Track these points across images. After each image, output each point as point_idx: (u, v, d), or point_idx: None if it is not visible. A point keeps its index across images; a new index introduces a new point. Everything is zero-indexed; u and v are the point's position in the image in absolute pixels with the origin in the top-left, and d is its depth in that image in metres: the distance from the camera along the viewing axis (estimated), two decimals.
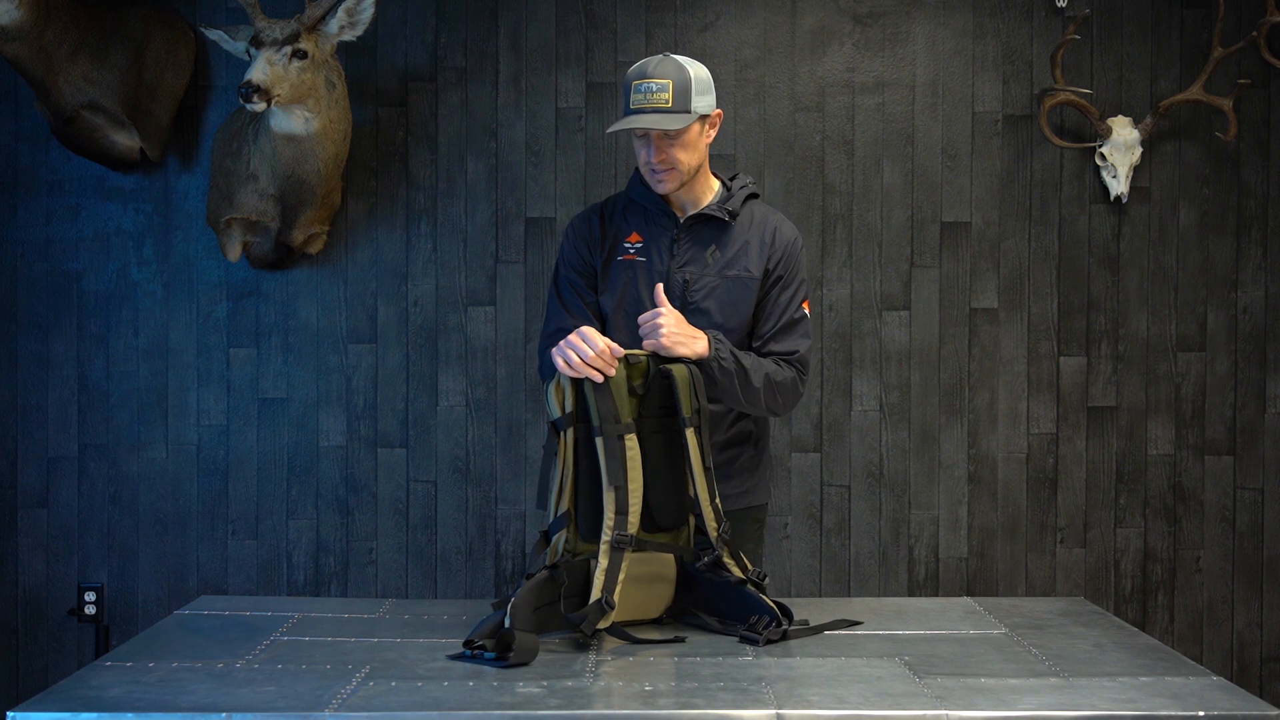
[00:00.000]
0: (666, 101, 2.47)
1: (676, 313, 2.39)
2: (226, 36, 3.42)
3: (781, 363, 2.55)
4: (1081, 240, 3.84)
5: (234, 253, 3.73)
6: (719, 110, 2.60)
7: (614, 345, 2.23)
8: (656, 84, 2.48)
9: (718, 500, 2.29)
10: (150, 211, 3.83)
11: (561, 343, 2.23)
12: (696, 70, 2.52)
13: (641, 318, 2.37)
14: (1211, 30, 3.72)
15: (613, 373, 2.22)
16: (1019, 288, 3.84)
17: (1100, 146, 3.75)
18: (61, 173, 3.82)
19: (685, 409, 2.26)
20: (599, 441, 2.20)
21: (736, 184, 2.67)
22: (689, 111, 2.49)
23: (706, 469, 2.27)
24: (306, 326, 3.83)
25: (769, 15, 3.83)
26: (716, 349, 2.41)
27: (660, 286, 2.44)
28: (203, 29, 3.51)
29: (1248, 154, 3.83)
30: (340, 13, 3.36)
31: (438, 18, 3.82)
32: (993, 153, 3.83)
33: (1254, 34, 3.67)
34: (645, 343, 2.34)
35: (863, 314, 3.82)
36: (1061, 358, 3.85)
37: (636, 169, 2.68)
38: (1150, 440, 3.85)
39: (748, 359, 2.48)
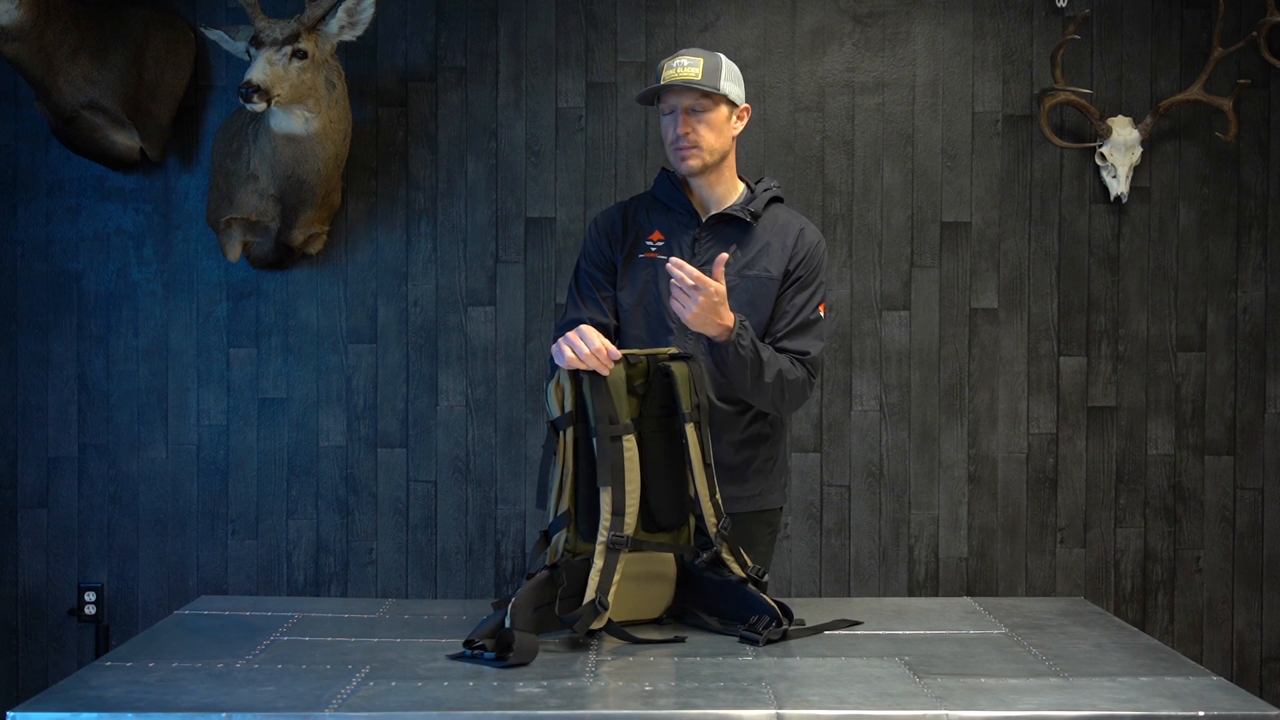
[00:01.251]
0: (696, 76, 2.53)
1: (721, 291, 2.36)
2: (226, 36, 3.42)
3: (795, 361, 2.55)
4: (1081, 240, 3.84)
5: (234, 253, 3.73)
6: (748, 105, 2.65)
7: (611, 347, 2.23)
8: (688, 60, 2.55)
9: (718, 496, 2.29)
10: (150, 211, 3.83)
11: (561, 339, 2.23)
12: (726, 60, 2.60)
13: (691, 273, 2.31)
14: (1211, 30, 3.72)
15: (606, 372, 2.22)
16: (1019, 288, 3.84)
17: (1100, 146, 3.75)
18: (61, 173, 3.82)
19: (685, 404, 2.26)
20: (594, 442, 2.20)
21: (760, 186, 2.68)
22: (717, 89, 2.54)
23: (707, 465, 2.27)
24: (306, 326, 3.83)
25: (769, 15, 3.83)
26: (739, 334, 2.41)
27: (724, 257, 2.40)
28: (203, 29, 3.51)
29: (1248, 154, 3.83)
30: (340, 13, 3.36)
31: (438, 18, 3.82)
32: (993, 153, 3.83)
33: (1254, 34, 3.67)
34: (673, 303, 2.35)
35: (863, 314, 3.82)
36: (1061, 358, 3.85)
37: (662, 169, 2.69)
38: (1150, 440, 3.85)
39: (766, 352, 2.49)
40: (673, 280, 2.34)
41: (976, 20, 3.84)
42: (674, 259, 2.35)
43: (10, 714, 1.79)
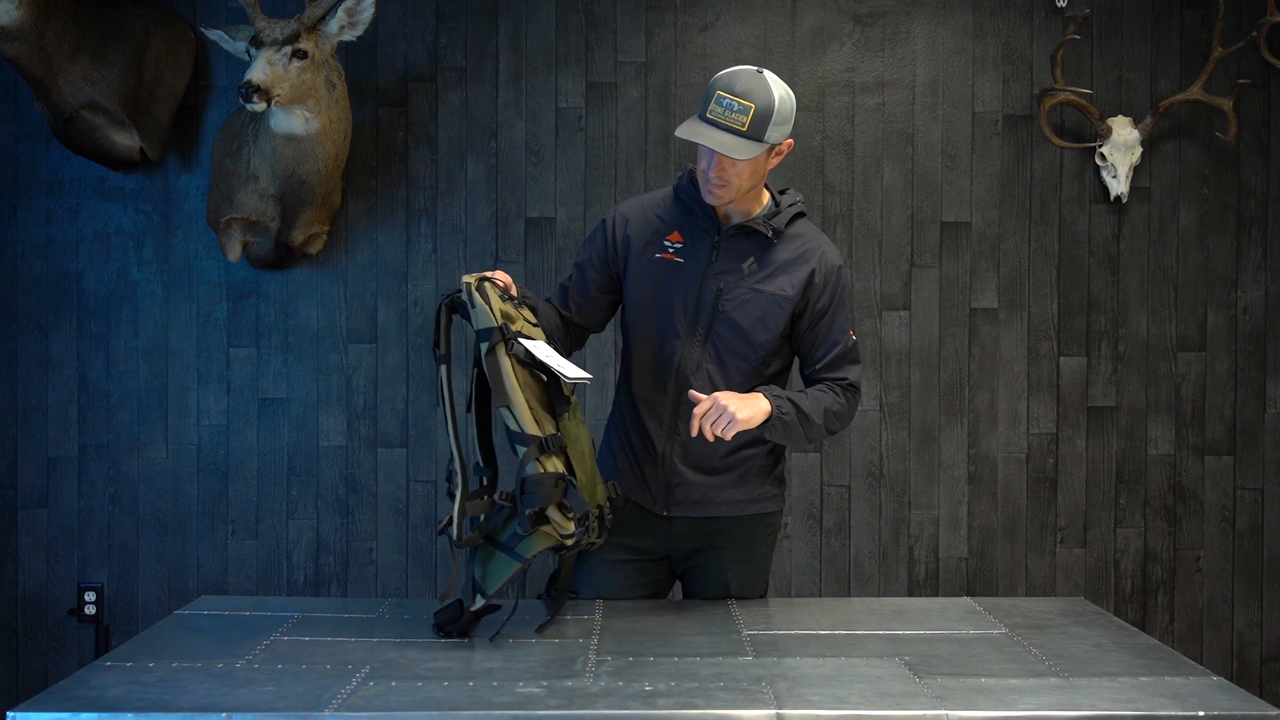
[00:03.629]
0: (742, 125, 2.40)
1: (726, 393, 2.39)
2: (226, 36, 3.42)
3: (836, 389, 2.55)
4: (1081, 240, 3.84)
5: (234, 253, 3.74)
6: (790, 140, 2.53)
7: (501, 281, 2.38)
8: (739, 103, 2.39)
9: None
10: (150, 211, 3.84)
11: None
12: (782, 99, 2.44)
13: (700, 412, 2.34)
14: (1211, 30, 3.72)
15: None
16: (1019, 288, 3.84)
17: (1100, 146, 3.75)
18: (61, 173, 3.82)
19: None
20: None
21: (785, 200, 2.61)
22: (761, 141, 2.42)
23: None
24: (306, 326, 3.83)
25: (769, 15, 3.83)
26: (777, 404, 2.41)
27: (692, 393, 2.41)
28: (203, 29, 3.52)
29: (1248, 154, 3.83)
30: (340, 13, 3.36)
31: (438, 18, 3.82)
32: (993, 153, 3.83)
33: (1254, 34, 3.67)
34: (725, 434, 2.33)
35: (863, 314, 3.82)
36: (1061, 358, 3.85)
37: (688, 169, 2.64)
38: (1150, 440, 3.85)
39: (805, 400, 2.47)
40: (700, 418, 2.34)
41: (976, 20, 3.84)
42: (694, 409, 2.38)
43: (10, 714, 1.79)
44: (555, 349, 2.38)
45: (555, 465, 2.24)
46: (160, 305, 3.83)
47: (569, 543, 2.23)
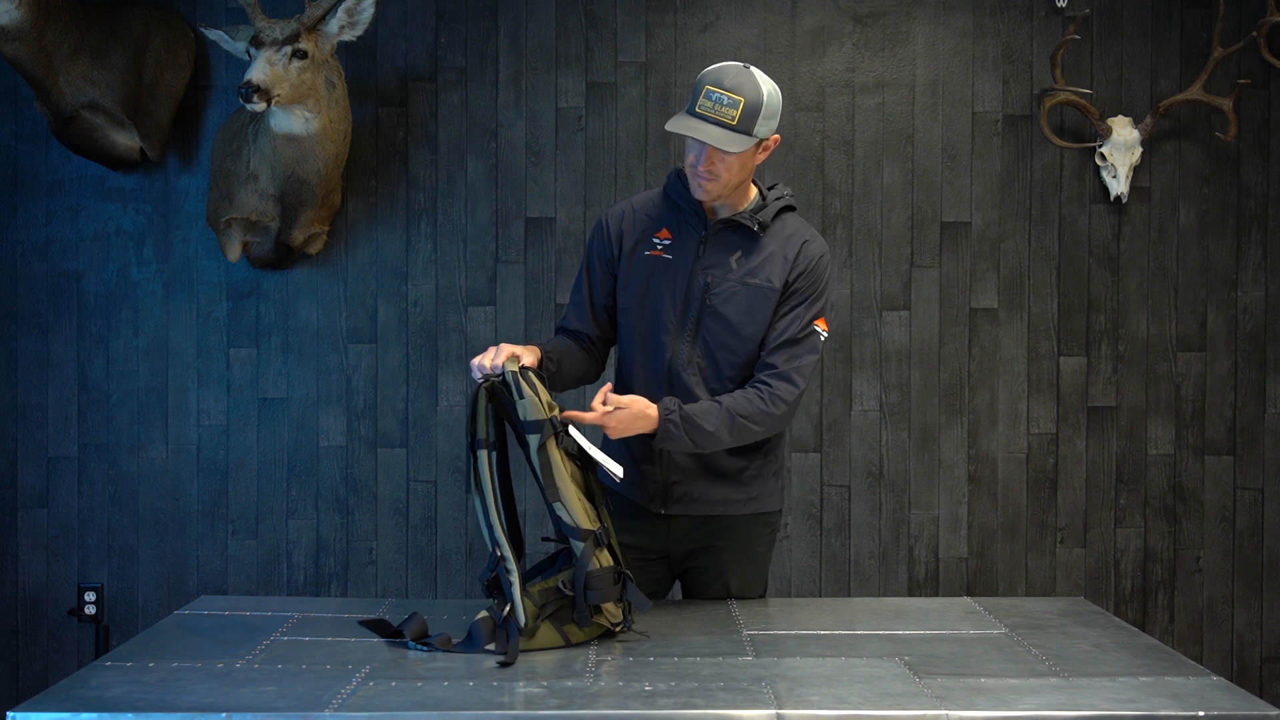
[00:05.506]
0: (733, 119, 2.41)
1: (622, 401, 2.39)
2: (226, 36, 3.42)
3: (758, 385, 2.52)
4: (1081, 240, 3.84)
5: (234, 253, 3.74)
6: (777, 135, 2.54)
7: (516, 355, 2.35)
8: (728, 97, 2.41)
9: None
10: (150, 211, 3.84)
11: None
12: (770, 94, 2.46)
13: (587, 417, 2.38)
14: (1211, 30, 3.72)
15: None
16: (1019, 288, 3.84)
17: (1100, 146, 3.75)
18: (61, 173, 3.82)
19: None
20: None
21: (773, 194, 2.62)
22: (750, 134, 2.44)
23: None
24: (306, 326, 3.83)
25: (769, 15, 3.83)
26: (665, 410, 2.41)
27: (603, 394, 2.42)
28: (203, 29, 3.52)
29: (1248, 154, 3.83)
30: (340, 13, 3.36)
31: (438, 18, 3.82)
32: (993, 153, 3.83)
33: (1254, 34, 3.67)
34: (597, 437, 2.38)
35: (863, 314, 3.83)
36: (1061, 358, 3.85)
37: (676, 168, 2.65)
38: (1150, 440, 3.85)
39: (699, 406, 2.46)
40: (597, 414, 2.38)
41: (976, 20, 3.84)
42: (569, 413, 2.37)
43: (10, 714, 1.79)
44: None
45: (605, 558, 2.27)
46: (160, 305, 3.83)
47: (617, 630, 2.28)
